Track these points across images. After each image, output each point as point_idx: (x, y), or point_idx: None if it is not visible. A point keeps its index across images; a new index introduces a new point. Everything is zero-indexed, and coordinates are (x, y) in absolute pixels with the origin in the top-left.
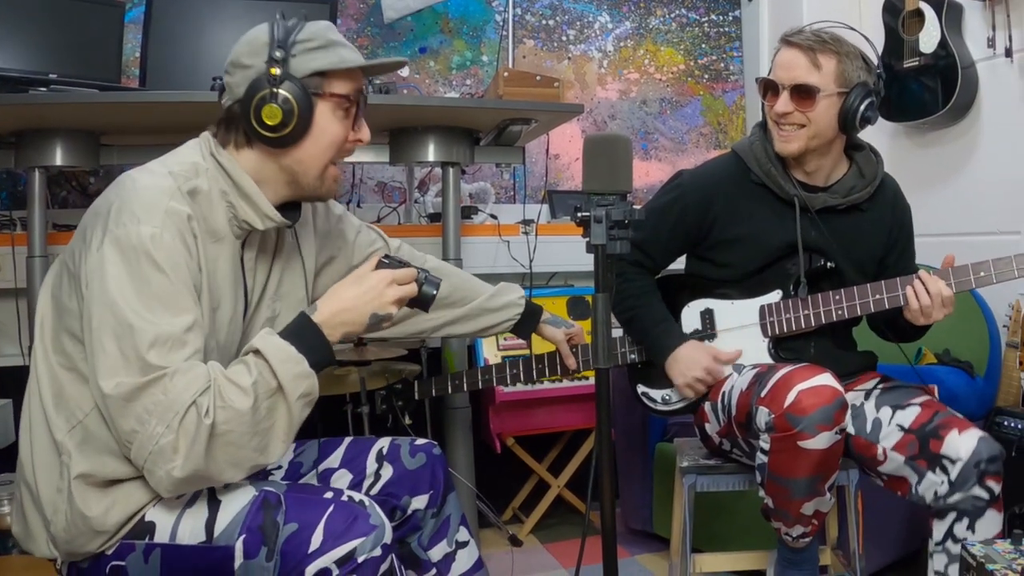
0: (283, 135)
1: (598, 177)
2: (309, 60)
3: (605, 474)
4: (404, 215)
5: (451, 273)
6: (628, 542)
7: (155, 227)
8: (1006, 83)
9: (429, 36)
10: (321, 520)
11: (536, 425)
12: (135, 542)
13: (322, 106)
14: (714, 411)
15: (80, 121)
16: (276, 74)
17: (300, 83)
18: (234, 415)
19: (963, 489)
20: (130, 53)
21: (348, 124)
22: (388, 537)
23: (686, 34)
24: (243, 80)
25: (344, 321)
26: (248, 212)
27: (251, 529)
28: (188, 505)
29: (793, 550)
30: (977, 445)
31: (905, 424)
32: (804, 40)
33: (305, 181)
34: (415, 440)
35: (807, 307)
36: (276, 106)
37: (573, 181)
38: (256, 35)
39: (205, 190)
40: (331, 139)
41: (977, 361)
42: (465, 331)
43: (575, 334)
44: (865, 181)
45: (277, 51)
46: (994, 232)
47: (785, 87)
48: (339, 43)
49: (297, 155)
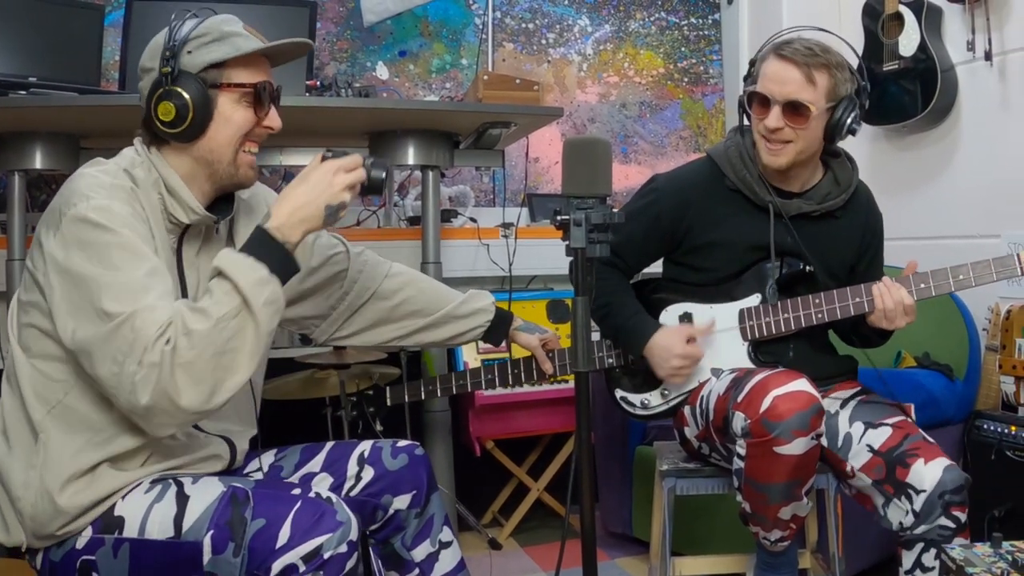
0: (183, 129)
1: (578, 180)
2: (204, 54)
3: (584, 477)
4: (384, 218)
5: (418, 280)
6: (608, 545)
7: (103, 199)
8: (985, 86)
9: (409, 39)
10: (288, 516)
11: (516, 428)
12: (104, 536)
13: (223, 97)
14: (693, 415)
15: (60, 124)
16: (167, 71)
17: (195, 77)
18: (198, 338)
19: (928, 521)
20: (110, 56)
21: (253, 111)
22: (355, 534)
23: (666, 37)
24: (147, 83)
25: (301, 219)
26: (175, 206)
27: (219, 524)
28: (157, 500)
29: (772, 554)
30: (942, 475)
31: (875, 446)
32: (797, 55)
33: (220, 169)
34: (397, 442)
35: (786, 310)
36: (169, 103)
37: (553, 184)
38: (156, 38)
39: (142, 178)
40: (236, 127)
41: (957, 364)
42: (434, 339)
43: (549, 339)
44: (840, 188)
45: (167, 51)
46: (974, 236)
47: (777, 102)
48: (235, 33)
49: (206, 145)
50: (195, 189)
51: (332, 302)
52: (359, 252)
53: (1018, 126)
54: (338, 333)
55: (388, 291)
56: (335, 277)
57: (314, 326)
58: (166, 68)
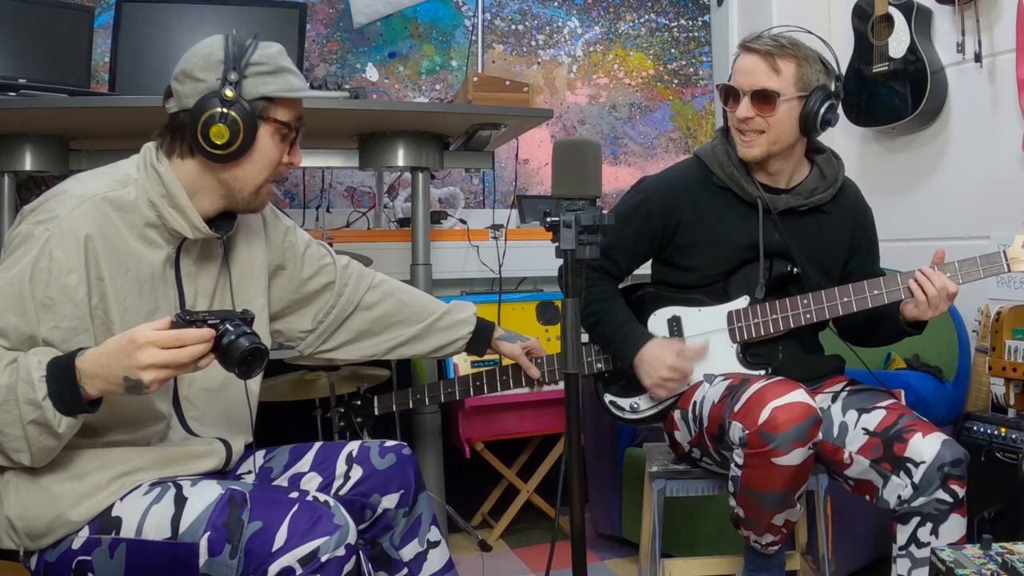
0: (226, 153)
1: (567, 182)
2: (259, 84)
3: (574, 479)
4: (373, 220)
5: (399, 291)
6: (597, 547)
7: (49, 231)
8: (975, 88)
9: (398, 41)
10: (285, 519)
11: (505, 430)
12: (101, 537)
13: (264, 129)
14: (684, 420)
15: (49, 126)
16: (230, 96)
17: (249, 105)
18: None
19: (926, 493)
20: (100, 58)
21: (284, 148)
22: (352, 537)
23: (655, 39)
24: (193, 92)
25: (98, 375)
26: (179, 222)
27: (215, 526)
28: (156, 502)
29: (761, 556)
30: (940, 448)
31: (870, 427)
32: (762, 45)
33: (240, 196)
34: (384, 442)
35: (775, 311)
36: (224, 126)
37: (543, 186)
38: (211, 50)
39: (131, 199)
40: (268, 161)
41: (946, 366)
42: (417, 351)
43: (532, 347)
44: (827, 183)
45: (232, 72)
46: (964, 237)
47: (745, 92)
48: (288, 70)
49: (235, 172)
50: (201, 202)
51: (320, 315)
52: (345, 264)
53: (1008, 127)
54: (323, 347)
55: (371, 303)
56: (324, 288)
57: (301, 339)
58: (230, 92)
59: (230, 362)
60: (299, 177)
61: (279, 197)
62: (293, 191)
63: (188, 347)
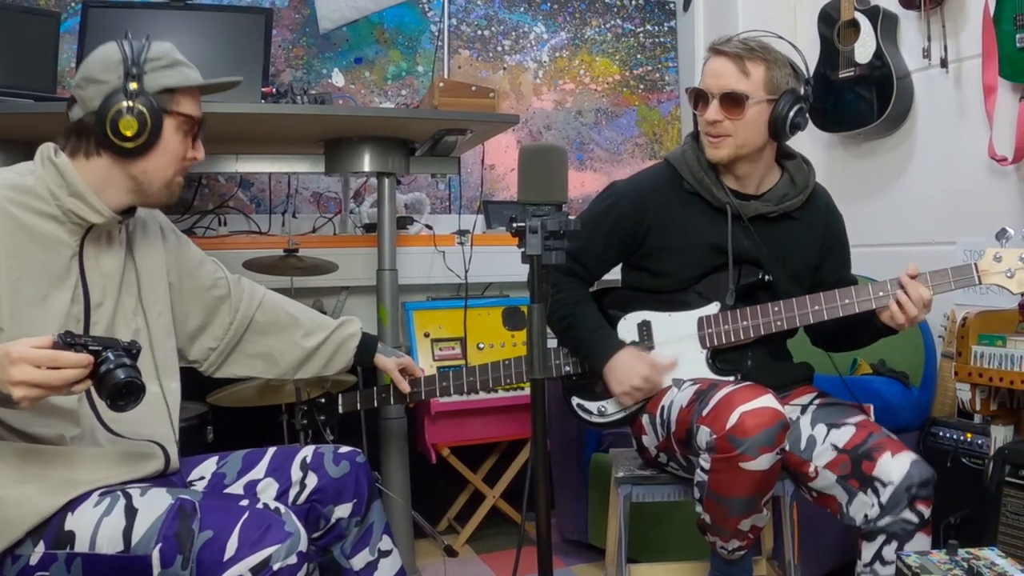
0: (135, 146)
1: (533, 188)
2: (160, 77)
3: (540, 484)
4: (339, 225)
5: (290, 304)
6: (563, 552)
7: None
8: (941, 93)
9: (364, 46)
10: (236, 527)
11: (471, 435)
12: (57, 552)
13: (169, 122)
14: (652, 424)
15: (15, 131)
16: (134, 88)
17: (152, 98)
18: None
19: (893, 512)
20: (66, 63)
21: (188, 142)
22: (304, 545)
23: (621, 44)
24: (97, 94)
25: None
26: (80, 207)
27: (167, 537)
28: (106, 514)
29: (728, 562)
30: (909, 469)
31: (839, 444)
32: (732, 48)
33: (151, 190)
34: (339, 448)
35: (745, 318)
36: (132, 118)
37: (509, 191)
38: (108, 53)
39: (30, 185)
40: (174, 154)
41: (913, 371)
42: (308, 373)
43: (406, 364)
44: (797, 189)
45: (133, 68)
46: (930, 242)
47: (715, 95)
48: (184, 63)
49: (144, 166)
50: (109, 198)
51: (221, 332)
52: (237, 279)
53: (973, 133)
54: (224, 366)
55: (263, 324)
56: (220, 301)
57: (204, 358)
58: (133, 84)
59: (102, 392)
60: (265, 183)
61: (245, 203)
62: (259, 196)
63: (63, 370)
